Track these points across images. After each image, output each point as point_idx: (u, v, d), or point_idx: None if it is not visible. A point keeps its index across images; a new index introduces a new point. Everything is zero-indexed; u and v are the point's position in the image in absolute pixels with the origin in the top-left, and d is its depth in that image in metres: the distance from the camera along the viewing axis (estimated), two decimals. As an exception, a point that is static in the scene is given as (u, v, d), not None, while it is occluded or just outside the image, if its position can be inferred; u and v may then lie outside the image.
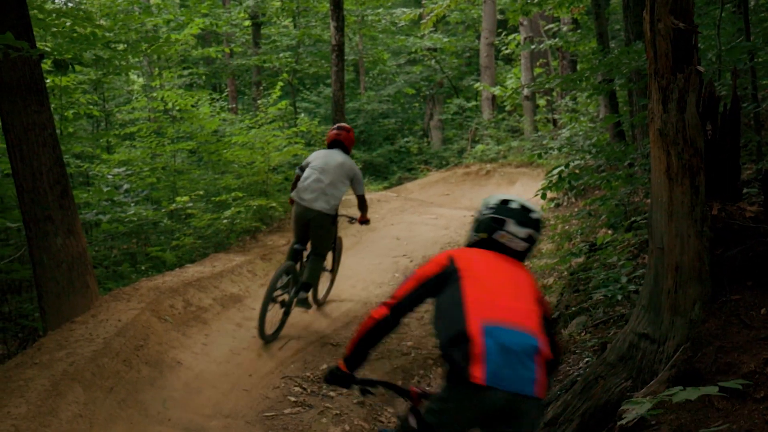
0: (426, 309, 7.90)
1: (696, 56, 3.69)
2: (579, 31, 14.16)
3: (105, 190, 9.94)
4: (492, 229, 3.17)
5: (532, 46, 15.43)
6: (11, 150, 7.02)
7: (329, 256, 8.14)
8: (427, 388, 3.06)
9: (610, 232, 7.04)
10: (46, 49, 8.99)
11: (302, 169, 7.70)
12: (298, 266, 7.55)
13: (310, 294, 7.64)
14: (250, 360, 6.98)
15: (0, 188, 9.15)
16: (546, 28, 18.01)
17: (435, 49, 23.48)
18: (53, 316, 7.00)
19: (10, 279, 9.33)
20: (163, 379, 6.33)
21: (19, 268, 8.70)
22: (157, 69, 18.24)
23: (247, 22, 21.32)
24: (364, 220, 7.97)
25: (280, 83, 14.38)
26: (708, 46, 6.72)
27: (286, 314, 7.41)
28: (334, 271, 8.51)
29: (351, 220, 8.16)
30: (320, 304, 8.35)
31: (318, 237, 7.51)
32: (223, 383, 6.51)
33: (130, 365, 6.24)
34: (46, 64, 8.41)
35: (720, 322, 3.45)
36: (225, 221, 10.52)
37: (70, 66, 5.37)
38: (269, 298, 7.08)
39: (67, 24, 9.08)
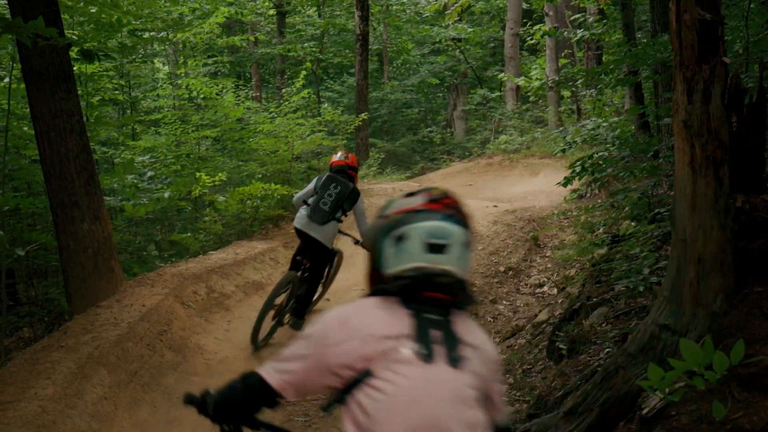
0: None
1: (722, 48, 3.67)
2: (605, 21, 14.05)
3: (129, 178, 10.02)
4: None
5: (557, 33, 15.34)
6: (39, 136, 7.11)
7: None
8: None
9: (633, 223, 7.01)
10: (74, 37, 9.07)
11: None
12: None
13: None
14: (272, 346, 7.04)
15: (28, 174, 9.27)
16: (572, 18, 17.88)
17: (459, 39, 23.39)
18: (79, 300, 7.09)
19: (37, 264, 9.46)
20: (185, 363, 6.42)
21: (45, 253, 8.81)
22: (182, 57, 18.33)
23: (272, 11, 21.35)
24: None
25: (304, 72, 14.42)
26: (735, 38, 6.66)
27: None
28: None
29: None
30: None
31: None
32: (245, 368, 6.55)
33: (153, 350, 6.32)
34: (73, 52, 8.50)
35: (742, 314, 3.44)
36: (249, 203, 10.55)
37: (96, 56, 5.43)
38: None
39: (93, 11, 9.15)
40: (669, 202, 6.05)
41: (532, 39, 20.83)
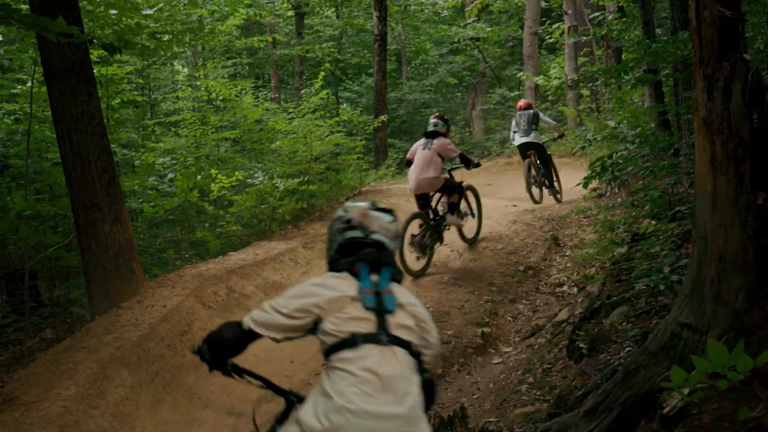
0: (467, 299, 7.89)
1: (743, 44, 3.64)
2: (624, 19, 13.97)
3: (150, 179, 10.09)
4: None
5: (578, 37, 15.29)
6: (61, 139, 7.18)
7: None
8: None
9: (653, 222, 6.97)
10: (95, 34, 9.14)
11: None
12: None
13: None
14: (292, 346, 7.07)
15: (50, 176, 9.35)
16: (591, 16, 17.81)
17: (478, 39, 23.34)
18: (100, 301, 7.16)
19: (59, 265, 9.54)
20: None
21: (67, 255, 8.89)
22: (201, 59, 18.43)
23: (291, 12, 21.42)
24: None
25: (322, 73, 14.44)
26: (757, 34, 6.62)
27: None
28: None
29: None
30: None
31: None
32: (266, 369, 6.59)
33: (174, 350, 6.36)
34: (94, 55, 8.57)
35: (764, 312, 3.41)
36: (264, 206, 10.60)
37: (119, 51, 5.49)
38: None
39: (113, 14, 9.23)
40: (689, 200, 6.02)
41: (551, 37, 20.77)
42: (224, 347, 2.89)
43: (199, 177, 10.66)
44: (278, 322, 2.82)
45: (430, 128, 9.18)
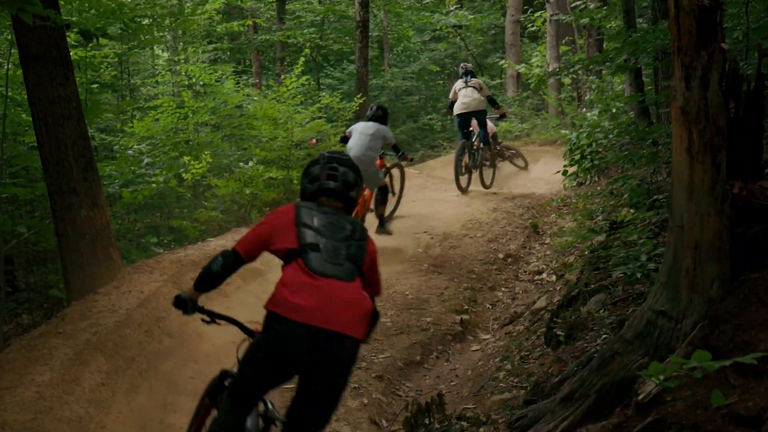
0: (446, 286, 7.87)
1: (721, 34, 3.65)
2: (605, 8, 13.98)
3: (130, 160, 10.00)
4: None
5: (561, 18, 15.26)
6: (37, 122, 7.10)
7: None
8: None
9: (631, 210, 7.01)
10: (72, 20, 9.04)
11: None
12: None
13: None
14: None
15: (26, 160, 9.25)
16: (573, 5, 17.81)
17: (460, 26, 23.27)
18: (77, 287, 7.10)
19: (36, 250, 9.46)
20: (184, 350, 6.41)
21: (44, 240, 8.81)
22: (181, 44, 18.27)
23: (272, -2, 21.26)
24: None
25: (302, 58, 14.35)
26: (736, 24, 6.63)
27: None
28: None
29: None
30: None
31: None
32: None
33: (151, 336, 6.32)
34: (71, 38, 8.45)
35: (738, 300, 3.43)
36: (246, 190, 10.55)
37: (95, 38, 5.43)
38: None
39: (93, -3, 9.14)
40: (668, 189, 6.05)
41: (533, 26, 20.76)
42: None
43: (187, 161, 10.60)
44: None
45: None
